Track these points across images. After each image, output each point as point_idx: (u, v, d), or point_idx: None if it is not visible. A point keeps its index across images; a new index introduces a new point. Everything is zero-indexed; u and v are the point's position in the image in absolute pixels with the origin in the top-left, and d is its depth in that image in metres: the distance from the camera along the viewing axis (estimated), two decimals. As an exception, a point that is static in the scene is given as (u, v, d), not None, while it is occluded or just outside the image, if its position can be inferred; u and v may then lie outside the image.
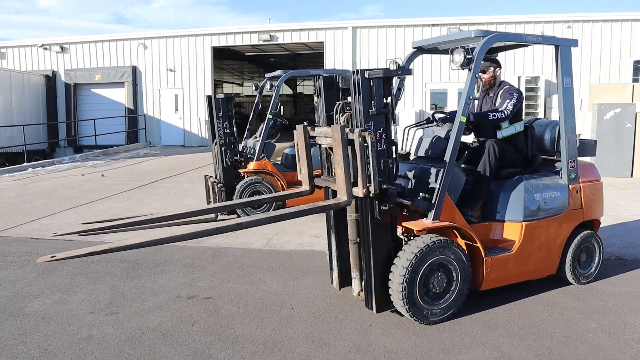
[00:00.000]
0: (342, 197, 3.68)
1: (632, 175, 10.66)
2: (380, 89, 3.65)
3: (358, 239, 3.92)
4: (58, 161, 15.57)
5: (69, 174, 12.91)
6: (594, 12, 17.02)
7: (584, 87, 16.05)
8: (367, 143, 3.54)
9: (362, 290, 4.05)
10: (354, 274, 4.06)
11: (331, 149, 3.85)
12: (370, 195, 3.62)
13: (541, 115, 15.90)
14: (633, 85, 12.53)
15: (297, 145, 4.15)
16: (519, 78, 16.05)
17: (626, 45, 16.80)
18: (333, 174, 3.93)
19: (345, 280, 4.29)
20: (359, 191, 3.63)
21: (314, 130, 4.00)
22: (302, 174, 4.15)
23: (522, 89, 14.95)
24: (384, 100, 3.70)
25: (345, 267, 4.22)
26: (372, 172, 3.57)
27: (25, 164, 14.68)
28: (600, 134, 10.48)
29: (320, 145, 4.11)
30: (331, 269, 4.38)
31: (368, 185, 3.60)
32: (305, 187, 4.18)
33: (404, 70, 3.79)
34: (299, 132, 4.05)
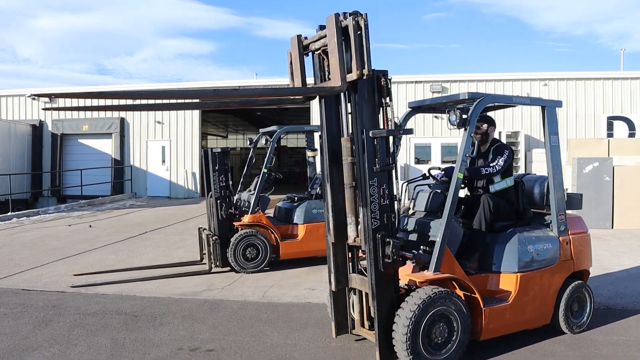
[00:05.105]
0: (336, 83, 3.81)
1: (612, 227, 11.02)
2: (383, 147, 3.88)
3: (354, 182, 4.03)
4: (43, 211, 15.45)
5: (55, 224, 12.81)
6: (568, 71, 17.89)
7: (561, 142, 16.63)
8: (361, 27, 3.74)
9: (357, 236, 4.11)
10: (350, 219, 4.12)
11: (325, 52, 4.02)
12: (364, 77, 3.80)
13: (522, 169, 16.38)
14: (608, 140, 13.10)
15: (291, 56, 4.25)
16: (499, 133, 16.59)
17: (599, 102, 17.60)
18: (327, 78, 4.11)
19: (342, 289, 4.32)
20: (353, 75, 3.82)
21: (307, 39, 4.19)
22: (296, 83, 4.22)
23: (503, 142, 15.43)
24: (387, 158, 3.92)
25: (341, 217, 4.23)
26: (365, 55, 3.75)
27: (9, 213, 14.54)
28: (581, 187, 10.86)
29: (313, 53, 4.25)
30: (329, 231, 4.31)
31: (362, 68, 3.78)
32: (298, 95, 4.25)
33: (406, 130, 4.03)
34: (292, 42, 4.19)
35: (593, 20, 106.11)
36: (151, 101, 3.54)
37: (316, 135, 8.72)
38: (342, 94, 4.10)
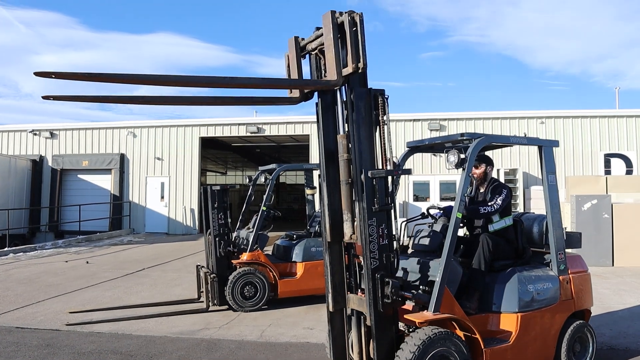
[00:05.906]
0: (332, 78, 3.83)
1: (613, 264, 10.96)
2: (382, 187, 3.90)
3: (350, 179, 3.99)
4: (40, 247, 15.36)
5: (52, 260, 12.73)
6: (565, 109, 18.14)
7: (559, 180, 16.75)
8: (356, 23, 3.78)
9: (353, 233, 4.04)
10: (346, 216, 4.06)
11: (321, 51, 4.04)
12: (359, 71, 3.80)
13: (520, 205, 16.39)
14: (606, 178, 13.18)
15: (288, 59, 4.27)
16: (497, 171, 16.66)
17: (596, 140, 17.77)
18: (324, 76, 4.11)
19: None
20: (348, 69, 3.83)
21: (304, 40, 4.22)
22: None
23: (501, 182, 15.49)
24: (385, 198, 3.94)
25: (337, 217, 4.13)
26: (360, 49, 3.77)
27: (6, 249, 14.46)
28: (580, 225, 10.85)
29: (310, 54, 4.26)
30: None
31: (357, 62, 3.80)
32: (295, 94, 4.21)
33: (405, 170, 4.07)
34: (290, 44, 4.22)
35: (587, 59, 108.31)
36: (150, 95, 3.59)
37: (315, 173, 8.76)
38: (339, 111, 4.13)
